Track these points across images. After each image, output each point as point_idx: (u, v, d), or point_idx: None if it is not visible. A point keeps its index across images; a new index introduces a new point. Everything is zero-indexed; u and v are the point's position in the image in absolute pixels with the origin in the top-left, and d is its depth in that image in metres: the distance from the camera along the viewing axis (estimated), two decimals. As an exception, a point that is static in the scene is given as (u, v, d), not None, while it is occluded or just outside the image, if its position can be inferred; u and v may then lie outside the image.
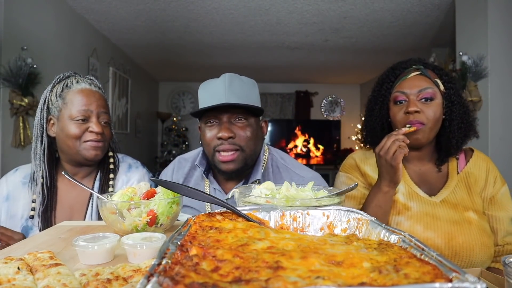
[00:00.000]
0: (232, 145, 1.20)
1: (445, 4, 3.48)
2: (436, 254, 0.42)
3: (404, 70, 1.26)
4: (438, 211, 1.18)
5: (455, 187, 1.23)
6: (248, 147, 1.22)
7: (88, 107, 1.26)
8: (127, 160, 1.44)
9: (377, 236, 0.56)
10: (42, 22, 3.15)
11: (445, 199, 1.21)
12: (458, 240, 1.12)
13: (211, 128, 1.23)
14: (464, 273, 0.35)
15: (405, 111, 1.20)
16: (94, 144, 1.26)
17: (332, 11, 3.71)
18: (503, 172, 1.33)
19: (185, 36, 4.49)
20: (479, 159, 1.29)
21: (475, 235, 1.13)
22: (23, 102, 2.71)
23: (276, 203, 0.75)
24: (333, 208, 0.66)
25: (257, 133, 1.27)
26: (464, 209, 1.19)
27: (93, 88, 1.32)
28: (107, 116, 1.32)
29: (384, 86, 1.29)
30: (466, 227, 1.14)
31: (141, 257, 0.65)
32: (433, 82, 1.21)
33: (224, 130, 1.19)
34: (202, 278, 0.36)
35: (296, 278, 0.36)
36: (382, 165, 1.12)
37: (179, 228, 0.55)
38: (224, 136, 1.18)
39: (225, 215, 0.65)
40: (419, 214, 1.18)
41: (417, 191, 1.23)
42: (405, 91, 1.21)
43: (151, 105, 7.22)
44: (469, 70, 2.89)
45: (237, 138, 1.21)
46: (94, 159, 1.28)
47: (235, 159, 1.21)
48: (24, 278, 0.54)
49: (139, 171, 1.41)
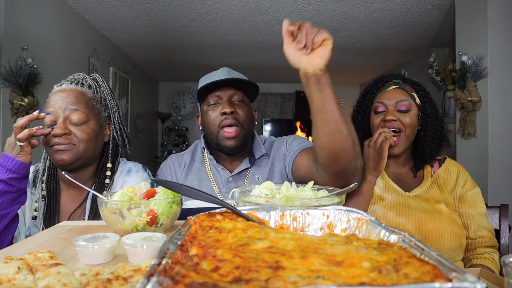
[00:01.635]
0: (234, 120, 1.34)
1: (445, 4, 3.48)
2: (436, 254, 0.42)
3: (384, 84, 1.41)
4: (411, 202, 1.30)
5: (428, 187, 1.35)
6: (246, 123, 1.37)
7: (54, 108, 1.18)
8: (127, 164, 1.35)
9: (377, 236, 0.56)
10: (42, 22, 3.15)
11: (418, 195, 1.33)
12: (427, 226, 1.23)
13: (214, 108, 1.36)
14: (464, 273, 0.35)
15: (383, 119, 1.35)
16: (57, 147, 1.16)
17: (332, 11, 3.71)
18: (502, 172, 1.36)
19: (185, 36, 4.48)
20: (450, 164, 1.42)
21: (444, 223, 1.24)
22: (24, 102, 2.71)
23: (276, 203, 0.75)
24: (333, 208, 0.66)
25: (251, 115, 1.43)
26: (436, 202, 1.30)
27: (73, 86, 1.23)
28: (79, 115, 1.19)
29: (367, 97, 1.44)
30: (436, 216, 1.25)
31: (141, 257, 0.65)
32: (409, 95, 1.36)
33: (227, 106, 1.33)
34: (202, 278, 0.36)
35: (296, 278, 0.36)
36: (370, 154, 1.30)
37: (179, 227, 0.55)
38: (228, 111, 1.32)
39: (225, 214, 0.65)
40: (393, 204, 1.30)
41: (393, 186, 1.36)
42: (384, 102, 1.36)
43: (151, 105, 7.22)
44: (469, 70, 2.89)
45: (238, 115, 1.35)
46: (61, 163, 1.17)
47: (237, 135, 1.33)
48: (24, 278, 0.54)
49: (139, 176, 1.31)
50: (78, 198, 1.27)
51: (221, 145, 1.35)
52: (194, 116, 7.33)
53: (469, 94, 2.87)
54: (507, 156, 2.74)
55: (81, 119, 1.20)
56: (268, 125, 7.79)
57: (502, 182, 2.72)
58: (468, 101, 2.87)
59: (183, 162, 1.48)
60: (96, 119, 1.26)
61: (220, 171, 1.42)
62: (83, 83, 1.27)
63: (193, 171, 1.45)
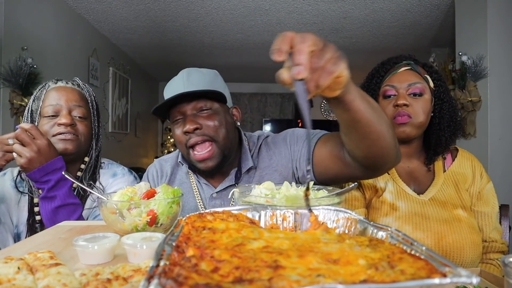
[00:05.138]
0: (202, 136, 1.13)
1: (444, 4, 3.48)
2: (425, 248, 0.43)
3: (394, 65, 1.26)
4: (427, 210, 1.17)
5: (443, 184, 1.23)
6: (219, 136, 1.15)
7: (57, 101, 1.23)
8: (113, 168, 1.37)
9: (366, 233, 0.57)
10: (42, 22, 3.15)
11: (433, 197, 1.20)
12: (448, 240, 1.12)
13: (178, 126, 1.17)
14: (456, 267, 0.36)
15: (394, 104, 1.20)
16: (62, 136, 1.21)
17: (332, 11, 3.71)
18: (502, 172, 1.35)
19: (185, 36, 4.49)
20: (463, 157, 1.30)
21: (465, 233, 1.13)
22: (23, 102, 2.71)
23: (276, 203, 0.75)
24: (322, 208, 0.66)
25: (226, 120, 1.19)
26: (453, 206, 1.19)
27: (70, 85, 1.29)
28: (82, 110, 1.26)
29: (373, 80, 1.28)
30: (456, 226, 1.14)
31: (141, 257, 0.65)
32: (422, 77, 1.22)
33: (188, 122, 1.12)
34: (204, 279, 0.36)
35: (298, 277, 0.36)
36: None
37: (172, 229, 0.55)
38: (189, 129, 1.12)
39: (215, 215, 0.65)
40: (408, 214, 1.17)
41: (406, 189, 1.22)
42: (394, 85, 1.21)
43: (151, 105, 7.22)
44: (469, 70, 2.89)
45: (205, 128, 1.14)
46: (64, 152, 1.21)
47: (211, 155, 1.14)
48: (24, 278, 0.54)
49: (125, 179, 1.34)
50: None
51: (196, 167, 1.18)
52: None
53: (469, 94, 2.87)
54: (507, 156, 2.74)
55: (84, 113, 1.28)
56: (268, 125, 7.80)
57: (502, 182, 2.72)
58: (468, 101, 2.88)
59: (165, 173, 1.33)
60: (90, 119, 1.34)
61: (203, 186, 1.25)
62: (80, 84, 1.33)
63: (176, 184, 1.29)
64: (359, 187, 1.28)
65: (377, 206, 1.22)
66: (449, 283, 0.35)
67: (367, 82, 1.31)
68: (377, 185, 1.26)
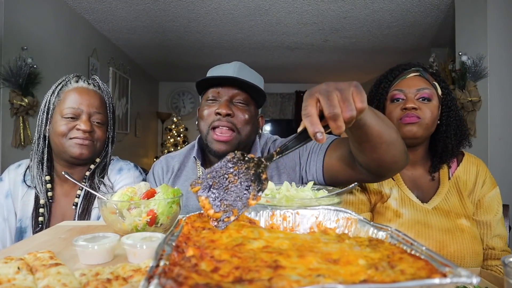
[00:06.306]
0: (229, 123, 1.17)
1: (444, 4, 3.48)
2: (425, 248, 0.43)
3: (403, 71, 1.28)
4: (430, 218, 1.18)
5: (447, 193, 1.24)
6: (244, 130, 1.19)
7: (78, 105, 1.24)
8: (119, 163, 1.38)
9: (366, 233, 0.57)
10: (42, 22, 3.15)
11: (437, 206, 1.21)
12: (449, 249, 1.13)
13: (210, 105, 1.21)
14: (456, 267, 0.36)
15: (402, 107, 1.21)
16: (79, 141, 1.22)
17: (331, 11, 3.71)
18: (502, 172, 1.34)
19: (185, 36, 4.48)
20: (469, 162, 1.30)
21: (467, 243, 1.15)
22: (23, 102, 2.71)
23: (276, 203, 0.75)
24: (322, 208, 0.66)
25: (254, 121, 1.24)
26: (456, 216, 1.20)
27: (91, 87, 1.29)
28: (101, 117, 1.28)
29: (382, 85, 1.30)
30: (458, 236, 1.15)
31: (141, 257, 0.65)
32: (431, 84, 1.24)
33: (225, 106, 1.16)
34: (204, 279, 0.36)
35: (298, 277, 0.36)
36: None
37: (172, 229, 0.55)
38: (222, 113, 1.15)
39: None
40: (411, 222, 1.18)
41: (410, 196, 1.23)
42: (403, 89, 1.23)
43: (151, 105, 7.22)
44: (469, 70, 2.89)
45: (235, 118, 1.18)
46: (79, 157, 1.23)
47: (230, 140, 1.17)
48: (24, 278, 0.54)
49: (131, 174, 1.35)
50: (71, 194, 1.32)
51: (210, 147, 1.20)
52: (194, 116, 7.33)
53: (469, 94, 2.87)
54: (507, 156, 2.74)
55: (103, 119, 1.30)
56: (268, 125, 7.81)
57: (502, 182, 2.71)
58: (468, 101, 2.87)
59: (171, 168, 1.35)
60: (107, 124, 1.35)
61: None
62: (101, 87, 1.33)
63: (181, 179, 1.31)
64: (364, 192, 1.29)
65: (381, 211, 1.23)
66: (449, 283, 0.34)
67: (375, 87, 1.32)
68: (382, 191, 1.26)
